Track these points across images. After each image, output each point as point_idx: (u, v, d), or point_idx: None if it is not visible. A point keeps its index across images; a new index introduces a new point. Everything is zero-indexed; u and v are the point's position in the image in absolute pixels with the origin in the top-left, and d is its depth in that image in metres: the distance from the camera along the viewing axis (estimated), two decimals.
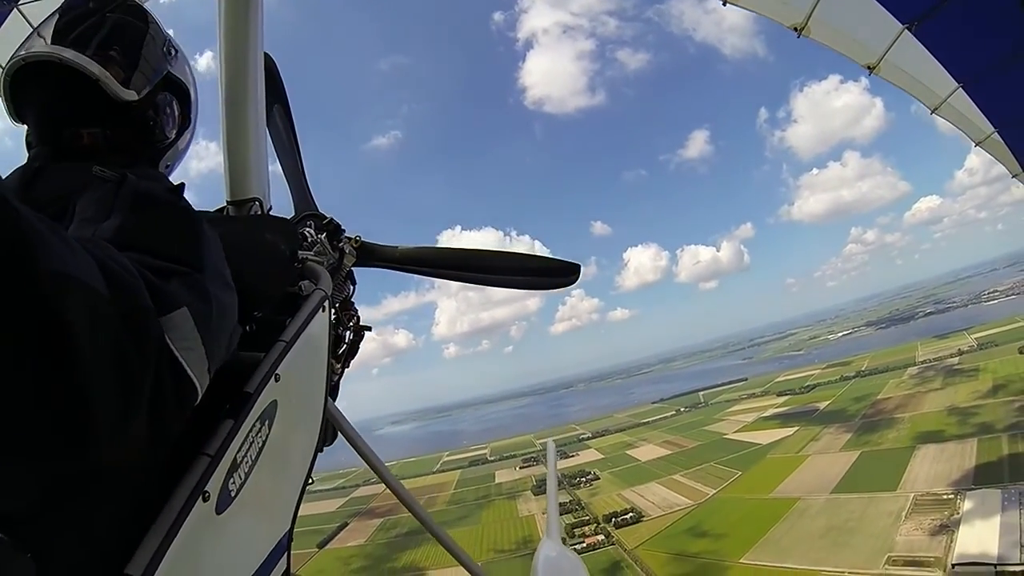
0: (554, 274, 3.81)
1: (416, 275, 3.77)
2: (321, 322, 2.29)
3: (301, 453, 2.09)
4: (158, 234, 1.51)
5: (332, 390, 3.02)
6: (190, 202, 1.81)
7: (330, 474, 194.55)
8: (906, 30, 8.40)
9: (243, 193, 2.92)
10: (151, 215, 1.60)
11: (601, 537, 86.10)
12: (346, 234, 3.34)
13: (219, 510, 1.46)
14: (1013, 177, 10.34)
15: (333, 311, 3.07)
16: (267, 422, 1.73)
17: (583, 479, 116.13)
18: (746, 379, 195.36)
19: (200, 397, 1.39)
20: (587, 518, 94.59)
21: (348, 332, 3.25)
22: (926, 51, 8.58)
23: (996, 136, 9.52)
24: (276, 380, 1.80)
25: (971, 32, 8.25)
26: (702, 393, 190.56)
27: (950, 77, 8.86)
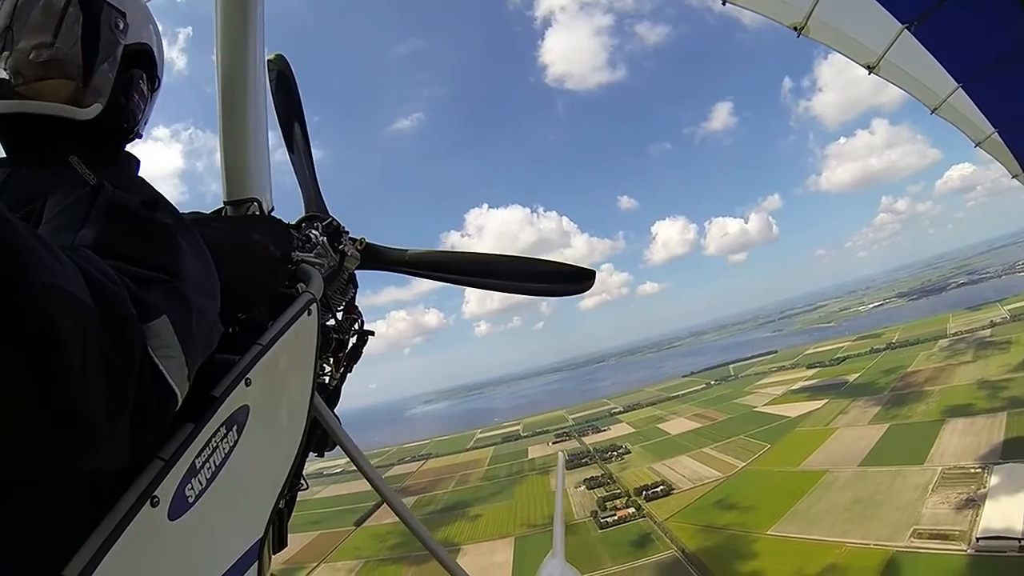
0: (567, 280, 3.70)
1: (424, 279, 3.75)
2: (307, 325, 2.26)
3: (278, 460, 2.06)
4: (136, 243, 1.50)
5: (332, 395, 3.06)
6: (173, 204, 1.81)
7: (366, 453, 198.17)
8: (905, 30, 8.34)
9: (240, 193, 2.91)
10: (128, 225, 1.57)
11: (632, 510, 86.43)
12: (350, 236, 3.31)
13: (172, 516, 1.43)
14: (1013, 178, 10.35)
15: (337, 315, 3.15)
16: (235, 427, 1.69)
17: (614, 453, 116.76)
18: (776, 351, 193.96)
19: (180, 404, 1.40)
20: (618, 491, 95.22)
21: (350, 336, 3.24)
22: (925, 51, 8.53)
23: (996, 136, 9.50)
24: (247, 384, 1.76)
25: (971, 31, 8.12)
26: (732, 366, 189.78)
27: (950, 77, 8.82)
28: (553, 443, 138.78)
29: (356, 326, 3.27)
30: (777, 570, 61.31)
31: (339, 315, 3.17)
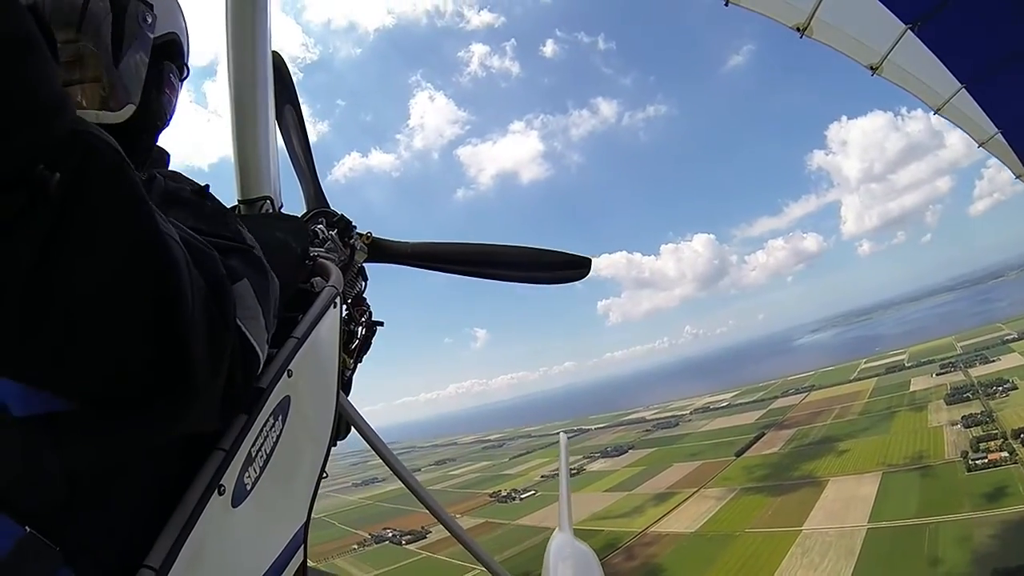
0: (565, 268, 3.89)
1: (428, 271, 3.82)
2: (332, 318, 2.30)
3: (315, 447, 2.11)
4: (205, 219, 1.56)
5: (345, 385, 3.07)
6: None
7: (751, 387, 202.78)
8: (908, 30, 8.29)
9: (254, 192, 2.94)
10: (188, 207, 1.64)
11: (1005, 454, 78.93)
12: (357, 230, 3.33)
13: (235, 503, 1.48)
14: (1017, 178, 10.28)
15: (345, 307, 3.16)
16: (280, 417, 1.74)
17: (999, 388, 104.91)
18: None
19: (262, 366, 1.50)
20: (995, 432, 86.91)
21: (360, 328, 3.27)
22: (929, 51, 8.49)
23: (999, 137, 9.39)
24: (288, 376, 1.81)
25: (974, 31, 8.10)
26: None
27: (953, 77, 8.75)
28: (937, 374, 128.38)
29: (365, 318, 3.32)
30: None
31: (350, 308, 3.27)
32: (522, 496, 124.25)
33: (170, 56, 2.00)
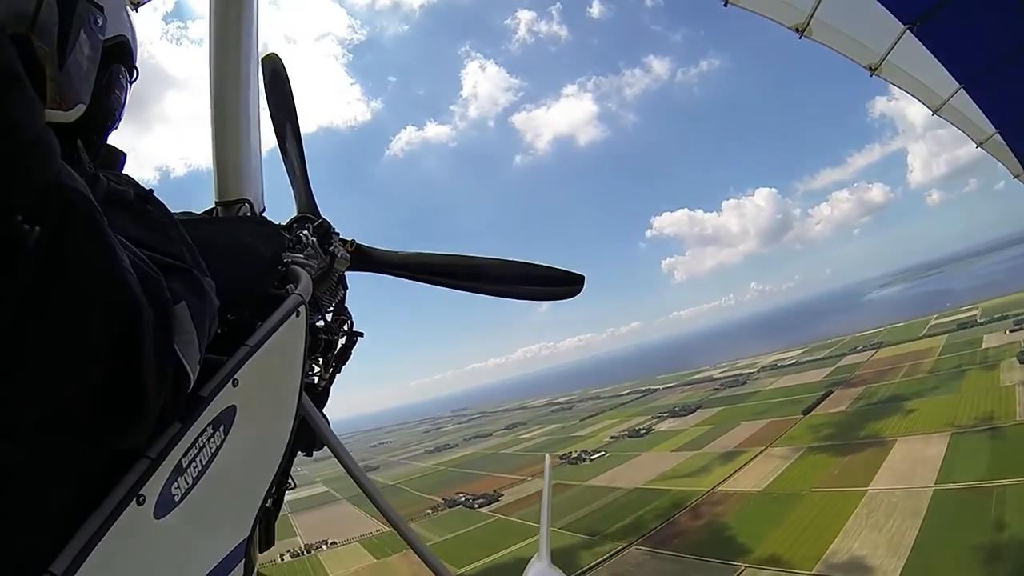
0: (557, 284, 3.79)
1: (414, 282, 3.71)
2: (295, 327, 2.22)
3: (264, 461, 2.05)
4: (142, 233, 1.54)
5: (320, 396, 3.06)
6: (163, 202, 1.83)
7: (818, 344, 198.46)
8: (907, 31, 8.36)
9: (232, 194, 2.93)
10: (130, 215, 1.62)
11: None
12: (340, 237, 3.31)
13: (158, 515, 1.43)
14: (1015, 178, 10.22)
15: (327, 315, 3.18)
16: (222, 428, 1.69)
17: None
18: None
19: (191, 388, 1.50)
20: None
21: (339, 337, 3.24)
22: (927, 52, 8.54)
23: (997, 137, 9.42)
24: (234, 385, 1.75)
25: (972, 32, 8.14)
26: None
27: (951, 78, 8.80)
28: (1011, 331, 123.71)
29: (345, 327, 3.29)
30: None
31: (328, 316, 3.22)
32: (592, 457, 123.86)
33: (119, 58, 2.01)
